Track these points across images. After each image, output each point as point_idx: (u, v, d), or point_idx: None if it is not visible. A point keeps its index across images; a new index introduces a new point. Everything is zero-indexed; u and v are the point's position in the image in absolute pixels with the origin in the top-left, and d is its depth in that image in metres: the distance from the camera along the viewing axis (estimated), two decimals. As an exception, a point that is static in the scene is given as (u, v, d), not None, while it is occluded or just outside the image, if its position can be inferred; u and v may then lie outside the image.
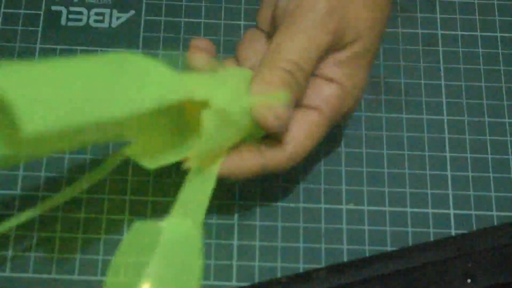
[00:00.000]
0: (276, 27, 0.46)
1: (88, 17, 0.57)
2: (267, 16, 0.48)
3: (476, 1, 0.59)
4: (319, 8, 0.44)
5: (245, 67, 0.47)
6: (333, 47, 0.45)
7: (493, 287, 0.48)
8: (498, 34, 0.58)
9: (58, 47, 0.55)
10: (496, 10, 0.58)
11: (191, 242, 0.43)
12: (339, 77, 0.46)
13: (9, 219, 0.46)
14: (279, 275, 0.50)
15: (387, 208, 0.52)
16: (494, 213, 0.52)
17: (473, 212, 0.52)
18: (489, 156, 0.54)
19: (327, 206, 0.52)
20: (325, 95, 0.46)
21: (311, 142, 0.46)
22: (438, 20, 0.58)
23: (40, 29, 0.56)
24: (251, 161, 0.45)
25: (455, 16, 0.58)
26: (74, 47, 0.55)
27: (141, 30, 0.56)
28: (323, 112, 0.46)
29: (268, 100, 0.43)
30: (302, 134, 0.45)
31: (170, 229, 0.43)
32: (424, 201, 0.52)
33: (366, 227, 0.51)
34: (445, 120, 0.55)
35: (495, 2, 0.59)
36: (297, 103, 0.45)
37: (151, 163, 0.44)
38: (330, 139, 0.52)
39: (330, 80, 0.46)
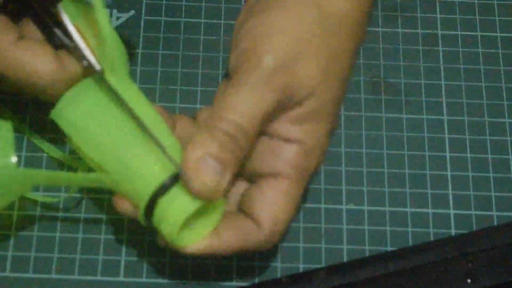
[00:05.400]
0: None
1: (88, 17, 0.57)
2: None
3: (476, 1, 0.59)
4: (265, 65, 0.41)
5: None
6: (285, 105, 0.42)
7: (493, 287, 0.48)
8: (498, 34, 0.58)
9: (58, 47, 0.55)
10: (496, 10, 0.58)
11: None
12: (298, 135, 0.43)
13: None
14: (279, 275, 0.50)
15: (387, 208, 0.52)
16: (494, 213, 0.52)
17: (473, 212, 0.52)
18: (489, 156, 0.54)
19: (327, 206, 0.52)
20: (288, 157, 0.43)
21: (287, 214, 0.43)
22: (438, 20, 0.58)
23: (40, 29, 0.56)
24: (230, 243, 0.43)
25: (455, 16, 0.58)
26: (74, 47, 0.55)
27: (141, 30, 0.56)
28: (290, 177, 0.43)
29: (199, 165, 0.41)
30: (276, 208, 0.43)
31: None
32: (424, 201, 0.52)
33: (366, 227, 0.51)
34: (445, 120, 0.55)
35: (495, 2, 0.59)
36: (255, 172, 0.43)
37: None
38: (330, 139, 0.52)
39: (289, 140, 0.43)
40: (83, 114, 0.43)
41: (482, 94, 0.56)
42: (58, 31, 0.45)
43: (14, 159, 0.43)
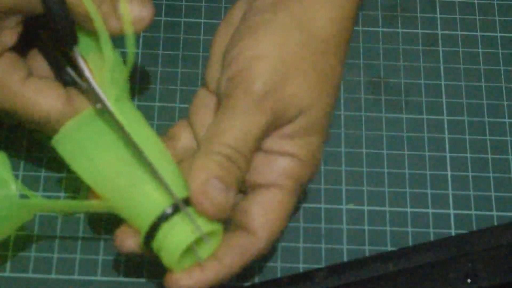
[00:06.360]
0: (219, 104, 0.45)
1: (88, 17, 0.56)
2: (215, 75, 0.47)
3: (476, 1, 0.59)
4: (255, 90, 0.43)
5: (201, 135, 0.46)
6: (276, 124, 0.44)
7: (493, 287, 0.48)
8: (498, 34, 0.58)
9: (58, 47, 0.55)
10: (496, 10, 0.58)
11: None
12: (291, 149, 0.44)
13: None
14: (279, 275, 0.50)
15: (387, 208, 0.52)
16: (494, 213, 0.52)
17: (473, 212, 0.52)
18: (489, 156, 0.54)
19: (327, 206, 0.52)
20: (281, 168, 0.44)
21: (281, 221, 0.44)
22: (438, 20, 0.58)
23: (40, 29, 0.56)
24: (234, 265, 0.44)
25: (455, 16, 0.58)
26: (74, 47, 0.55)
27: (141, 30, 0.56)
28: (284, 187, 0.44)
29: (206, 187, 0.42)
30: (271, 217, 0.44)
31: None
32: (424, 201, 0.52)
33: (366, 227, 0.51)
34: (445, 120, 0.55)
35: (495, 2, 0.59)
36: (250, 184, 0.45)
37: None
38: (330, 139, 0.52)
39: (282, 153, 0.44)
40: (83, 143, 0.44)
41: (482, 94, 0.56)
42: (70, 70, 0.45)
43: (14, 187, 0.43)
